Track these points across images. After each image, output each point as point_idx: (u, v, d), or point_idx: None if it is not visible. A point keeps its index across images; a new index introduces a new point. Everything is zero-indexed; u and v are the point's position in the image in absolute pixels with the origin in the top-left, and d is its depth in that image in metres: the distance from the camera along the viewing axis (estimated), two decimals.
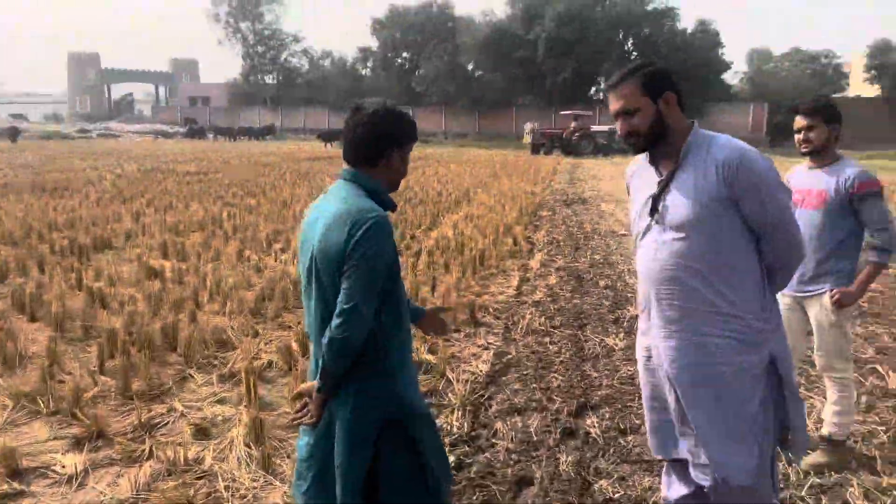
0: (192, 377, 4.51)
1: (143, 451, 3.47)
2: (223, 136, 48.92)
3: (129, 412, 3.93)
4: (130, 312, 5.40)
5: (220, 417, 3.92)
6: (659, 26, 43.44)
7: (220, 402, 4.15)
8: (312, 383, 2.13)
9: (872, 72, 45.28)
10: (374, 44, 55.31)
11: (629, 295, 6.62)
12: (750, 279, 2.15)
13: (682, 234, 2.13)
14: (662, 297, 2.21)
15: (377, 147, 2.12)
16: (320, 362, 2.03)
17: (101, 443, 3.58)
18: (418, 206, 12.55)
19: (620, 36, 43.98)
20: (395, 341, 2.12)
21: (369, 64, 57.05)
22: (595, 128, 35.38)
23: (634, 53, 44.68)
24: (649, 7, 43.90)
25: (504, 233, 9.83)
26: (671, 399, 2.27)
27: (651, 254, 2.23)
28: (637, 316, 2.49)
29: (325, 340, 1.99)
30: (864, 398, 4.25)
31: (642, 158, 2.36)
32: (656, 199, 2.21)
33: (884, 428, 3.82)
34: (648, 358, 2.36)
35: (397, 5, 53.66)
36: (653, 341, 2.31)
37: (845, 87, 53.83)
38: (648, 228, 2.25)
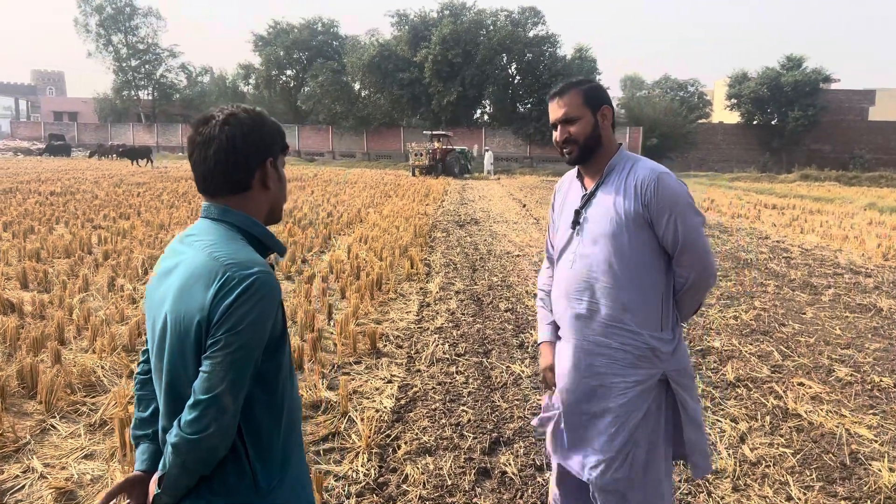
0: (55, 428, 3.92)
1: None
2: (106, 155, 42.37)
3: None
4: None
5: (88, 476, 3.40)
6: (540, 52, 44.89)
7: (89, 457, 3.62)
8: (138, 475, 1.60)
9: (732, 100, 48.81)
10: (255, 60, 53.94)
11: (530, 318, 6.53)
12: (653, 297, 2.20)
13: (597, 248, 2.20)
14: (572, 306, 2.27)
15: (246, 165, 1.55)
16: (162, 462, 1.48)
17: None
18: (308, 228, 12.08)
19: (504, 60, 45.06)
20: (272, 442, 1.54)
21: (251, 81, 55.49)
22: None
23: (518, 78, 45.94)
24: (531, 33, 45.31)
25: (400, 255, 9.58)
26: (565, 402, 2.31)
27: (568, 264, 2.29)
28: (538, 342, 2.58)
29: (170, 440, 1.43)
30: (767, 419, 4.29)
31: (570, 176, 2.45)
32: (578, 213, 2.29)
33: (791, 451, 3.85)
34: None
35: (280, 21, 52.65)
36: (561, 347, 2.36)
37: (709, 113, 57.90)
38: (570, 240, 2.30)
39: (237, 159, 1.54)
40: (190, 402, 1.40)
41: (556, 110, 2.27)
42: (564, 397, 2.29)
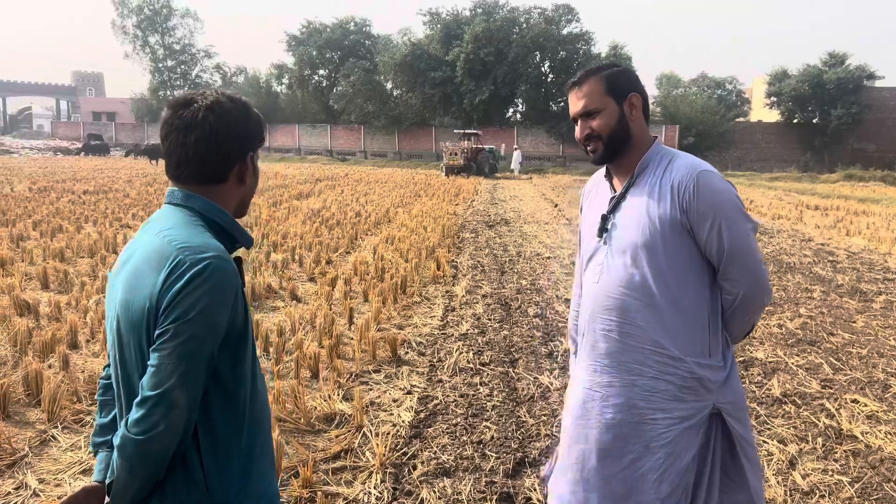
0: (56, 440, 3.73)
1: None
2: (141, 154, 40.48)
3: None
4: None
5: None
6: (574, 50, 44.26)
7: (87, 472, 3.41)
8: (95, 486, 1.49)
9: (772, 98, 47.60)
10: (289, 60, 54.16)
11: (560, 324, 6.20)
12: (696, 317, 1.87)
13: (627, 260, 1.89)
14: (599, 327, 1.96)
15: (228, 157, 1.46)
16: (111, 467, 1.38)
17: None
18: (335, 228, 11.89)
19: (537, 58, 44.52)
20: (231, 448, 1.42)
21: (284, 81, 55.76)
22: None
23: (551, 76, 45.38)
24: (565, 31, 44.70)
25: (427, 256, 9.31)
26: (592, 442, 1.95)
27: (595, 277, 1.98)
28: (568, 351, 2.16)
29: (115, 441, 1.34)
30: (819, 441, 3.92)
31: (599, 175, 2.14)
32: (605, 218, 1.97)
33: (847, 478, 3.48)
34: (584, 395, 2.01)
35: (313, 21, 52.75)
36: (583, 374, 2.01)
37: (747, 111, 56.63)
38: (596, 250, 2.00)
39: (218, 151, 1.45)
40: (137, 399, 1.31)
41: (575, 102, 1.98)
42: (595, 436, 1.93)
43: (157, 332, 1.30)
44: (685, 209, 1.82)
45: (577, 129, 1.98)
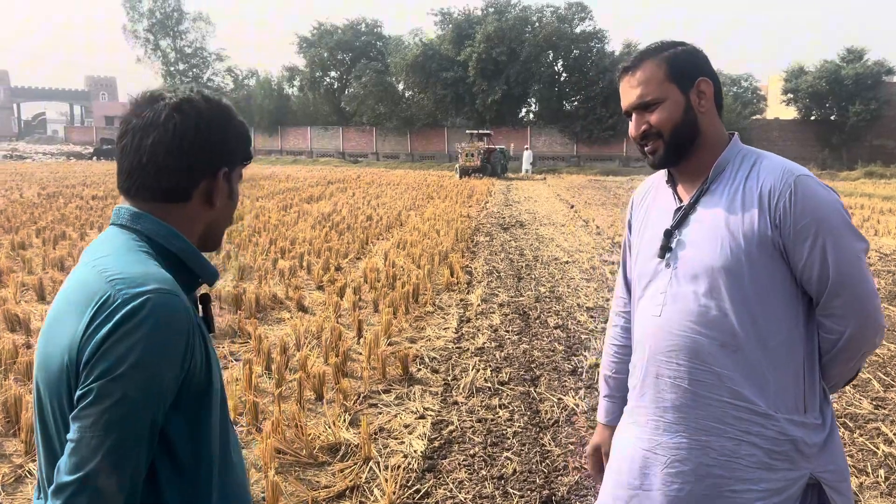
0: (33, 475, 3.39)
1: None
2: None
3: None
4: None
5: None
6: (588, 48, 43.79)
7: None
8: None
9: (789, 95, 46.89)
10: (300, 62, 54.00)
11: (583, 337, 5.80)
12: (789, 362, 1.46)
13: (700, 287, 1.48)
14: (662, 373, 1.53)
15: (191, 170, 1.15)
16: None
17: None
18: (346, 233, 11.54)
19: (550, 57, 44.09)
20: None
21: (296, 83, 55.59)
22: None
23: (564, 75, 44.94)
24: (578, 29, 44.23)
25: (439, 262, 8.93)
26: None
27: (655, 309, 1.56)
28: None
29: None
30: (881, 472, 3.50)
31: (655, 180, 1.72)
32: (670, 234, 1.55)
33: None
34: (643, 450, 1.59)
35: (324, 23, 52.54)
36: (640, 431, 1.58)
37: (763, 109, 55.87)
38: (656, 274, 1.58)
39: (180, 161, 1.14)
40: (52, 486, 0.98)
41: (628, 92, 1.56)
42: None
43: (78, 393, 0.99)
44: (778, 224, 1.42)
45: (632, 124, 1.56)
